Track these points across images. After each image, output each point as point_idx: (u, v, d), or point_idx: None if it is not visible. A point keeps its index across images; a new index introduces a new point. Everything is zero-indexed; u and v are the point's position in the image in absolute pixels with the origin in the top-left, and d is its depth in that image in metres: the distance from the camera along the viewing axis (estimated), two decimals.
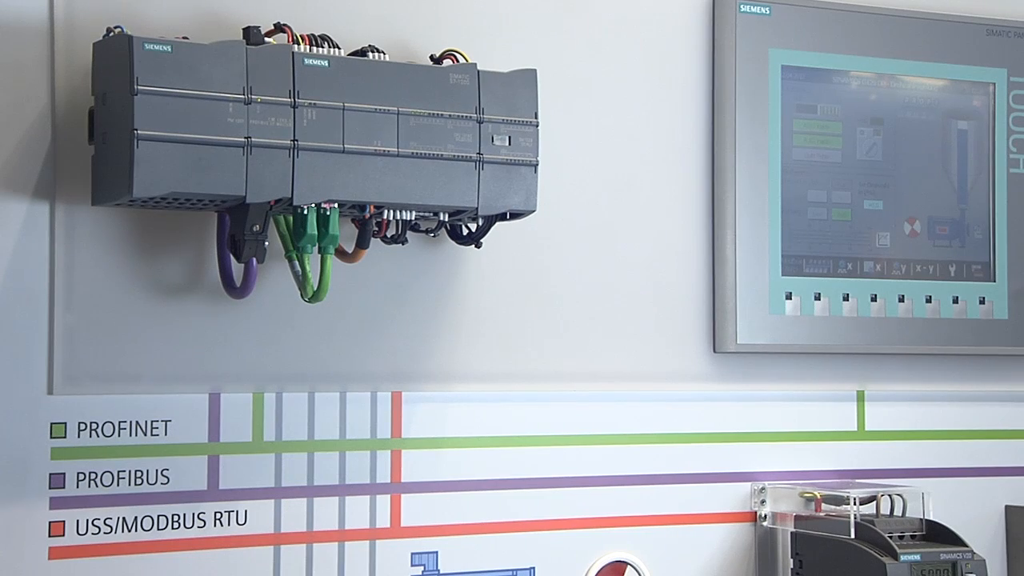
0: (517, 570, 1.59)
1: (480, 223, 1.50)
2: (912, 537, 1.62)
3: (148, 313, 1.43)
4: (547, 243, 1.62)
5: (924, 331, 1.77)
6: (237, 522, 1.46)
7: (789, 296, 1.72)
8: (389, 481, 1.54)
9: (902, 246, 1.77)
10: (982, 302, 1.80)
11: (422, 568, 1.55)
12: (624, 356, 1.66)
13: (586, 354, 1.64)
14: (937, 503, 1.66)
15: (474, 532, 1.57)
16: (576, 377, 1.63)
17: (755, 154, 1.70)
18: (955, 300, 1.79)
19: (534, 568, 1.59)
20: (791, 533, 1.66)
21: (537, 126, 1.47)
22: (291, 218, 1.41)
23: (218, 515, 1.46)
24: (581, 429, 1.63)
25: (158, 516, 1.44)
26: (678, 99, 1.69)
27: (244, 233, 1.36)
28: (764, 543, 1.69)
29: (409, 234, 1.50)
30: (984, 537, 1.76)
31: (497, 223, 1.50)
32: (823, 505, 1.66)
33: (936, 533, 1.62)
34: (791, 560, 1.65)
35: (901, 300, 1.76)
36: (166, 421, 1.44)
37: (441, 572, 1.55)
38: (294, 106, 1.35)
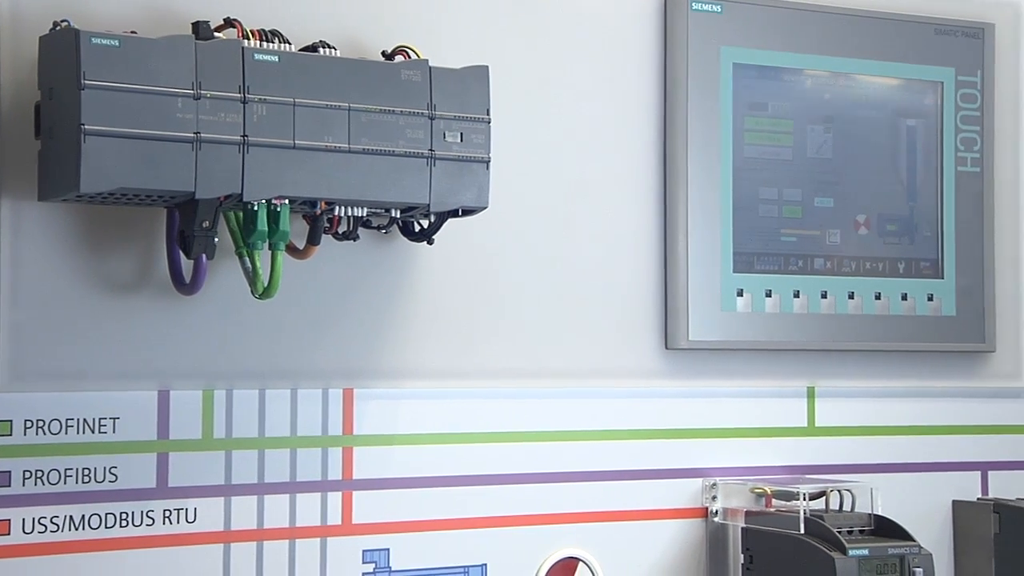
0: (469, 567, 1.59)
1: (432, 219, 1.50)
2: (861, 532, 1.64)
3: (96, 310, 1.42)
4: (499, 240, 1.62)
5: (873, 328, 1.78)
6: (186, 520, 1.46)
7: (740, 293, 1.73)
8: (341, 478, 1.53)
9: (852, 243, 1.78)
10: (930, 299, 1.82)
11: (374, 565, 1.54)
12: (576, 353, 1.66)
13: (538, 351, 1.64)
14: (886, 498, 1.68)
15: (426, 529, 1.57)
16: (528, 374, 1.63)
17: (707, 152, 1.71)
18: (904, 297, 1.80)
19: (486, 565, 1.59)
20: (742, 528, 1.67)
21: (489, 123, 1.47)
22: (241, 214, 1.40)
23: (167, 513, 1.45)
24: (533, 426, 1.63)
25: (106, 514, 1.42)
26: (630, 96, 1.69)
27: (194, 229, 1.35)
28: (715, 538, 1.70)
29: (361, 230, 1.49)
30: (932, 531, 1.78)
31: (449, 219, 1.50)
32: (773, 501, 1.67)
33: (884, 528, 1.64)
34: (742, 555, 1.66)
35: (851, 297, 1.78)
36: (114, 419, 1.43)
37: (393, 569, 1.55)
38: (244, 101, 1.34)
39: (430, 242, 1.52)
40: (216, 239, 1.37)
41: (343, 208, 1.43)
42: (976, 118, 1.85)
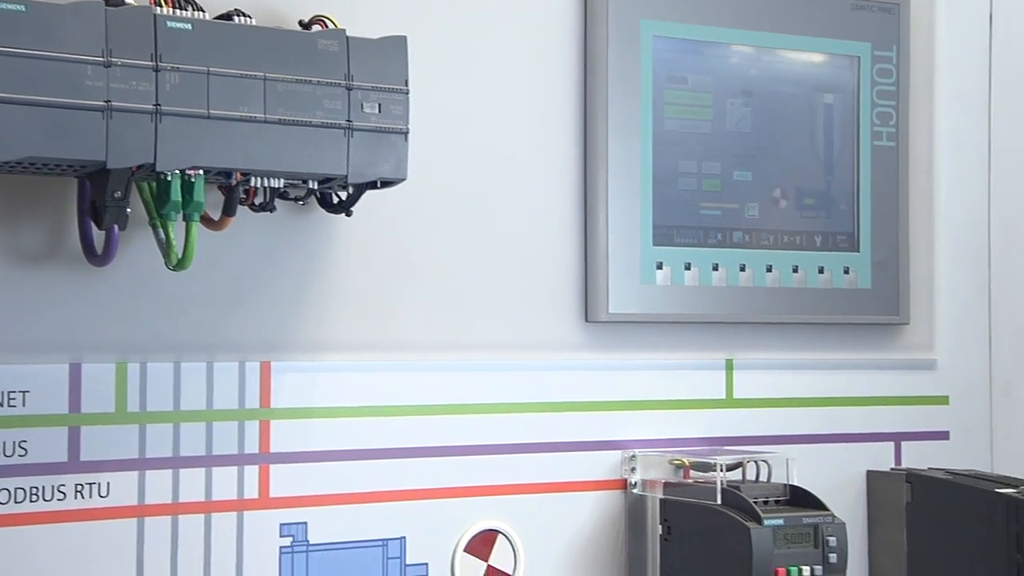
0: (388, 539, 1.58)
1: (350, 191, 1.49)
2: (776, 502, 1.66)
3: (5, 281, 1.39)
4: (418, 212, 1.61)
5: (791, 300, 1.80)
6: (99, 494, 1.44)
7: (660, 266, 1.73)
8: (258, 451, 1.52)
9: (770, 217, 1.80)
10: (847, 272, 1.84)
11: (291, 539, 1.53)
12: (496, 325, 1.66)
13: (457, 323, 1.63)
14: (802, 469, 1.70)
15: (344, 502, 1.56)
16: (447, 346, 1.63)
17: (627, 125, 1.71)
18: (821, 270, 1.82)
19: (405, 537, 1.59)
20: (660, 500, 1.68)
21: (407, 94, 1.45)
22: (154, 184, 1.38)
23: (79, 487, 1.43)
24: (452, 398, 1.63)
25: (15, 489, 1.40)
26: (550, 68, 1.69)
27: (105, 199, 1.33)
28: (634, 510, 1.71)
29: (278, 202, 1.48)
30: (846, 501, 1.81)
31: (368, 191, 1.48)
32: (691, 472, 1.69)
33: (800, 498, 1.66)
34: (660, 526, 1.68)
35: (769, 270, 1.79)
36: (24, 392, 1.41)
37: (311, 543, 1.54)
38: (156, 70, 1.32)
39: (348, 214, 1.51)
40: (128, 210, 1.34)
41: (259, 179, 1.41)
42: (892, 92, 1.87)
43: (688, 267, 1.75)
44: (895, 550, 1.79)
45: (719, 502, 1.62)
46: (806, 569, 1.59)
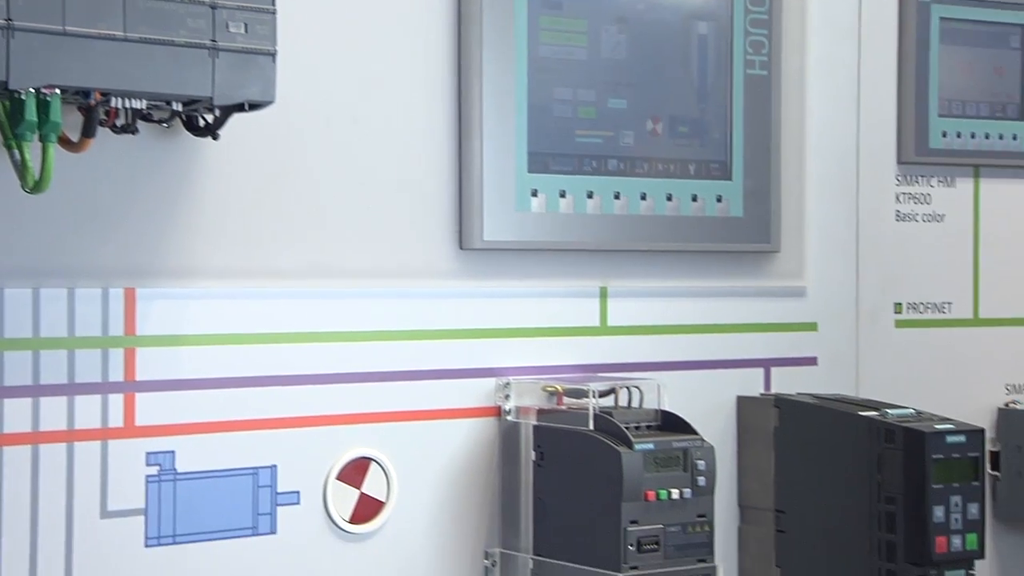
0: (258, 468, 1.57)
1: (217, 114, 1.45)
2: (648, 428, 1.67)
3: None
4: (288, 136, 1.58)
5: (665, 228, 1.81)
6: None
7: (535, 193, 1.73)
8: (123, 380, 1.49)
9: (645, 145, 1.80)
10: (719, 200, 1.85)
11: (158, 468, 1.51)
12: (369, 252, 1.64)
13: (330, 249, 1.61)
14: (674, 395, 1.72)
15: (213, 431, 1.54)
16: (319, 273, 1.61)
17: (502, 50, 1.69)
18: (694, 198, 1.83)
19: (276, 466, 1.58)
20: (533, 426, 1.69)
21: (275, 13, 1.42)
22: (8, 103, 1.33)
23: None
24: (324, 326, 1.61)
25: None
26: None
27: None
28: (508, 437, 1.72)
29: (143, 125, 1.44)
30: (717, 426, 1.83)
31: (235, 114, 1.45)
32: (564, 399, 1.70)
33: (671, 423, 1.68)
34: (533, 452, 1.69)
35: (643, 198, 1.80)
36: None
37: (179, 471, 1.52)
38: None
39: (215, 137, 1.47)
40: None
41: (120, 99, 1.37)
42: (764, 21, 1.88)
43: (563, 195, 1.75)
44: (763, 473, 1.83)
45: (591, 428, 1.63)
46: (675, 492, 1.61)
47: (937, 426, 1.69)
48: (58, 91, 1.32)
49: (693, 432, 1.66)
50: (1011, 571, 2.11)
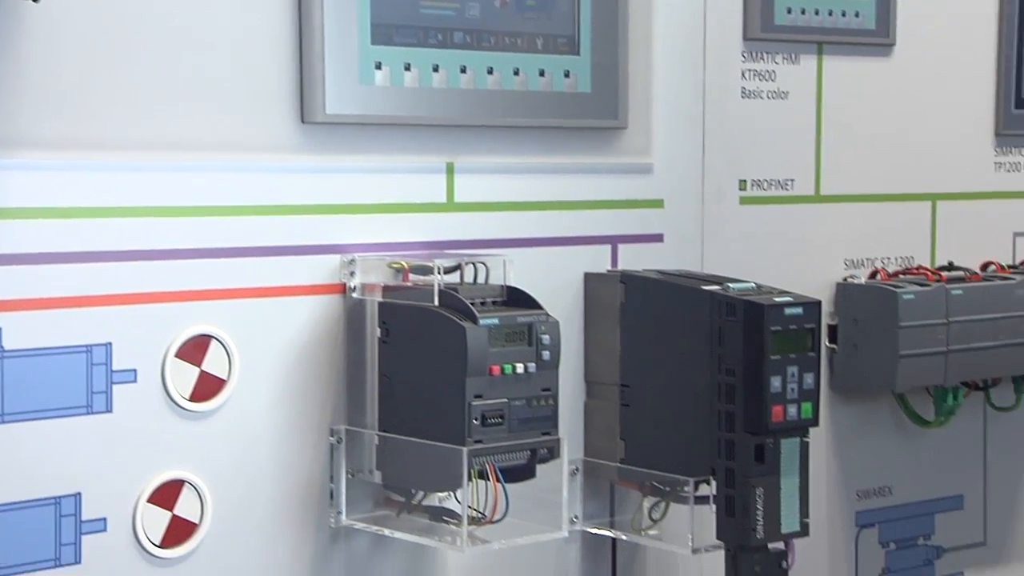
0: (92, 345, 1.52)
1: None
2: (494, 303, 1.67)
3: None
4: (118, 1, 1.51)
5: (512, 104, 1.79)
6: None
7: (379, 66, 1.69)
8: None
9: (492, 18, 1.77)
10: (567, 75, 1.83)
11: None
12: (206, 124, 1.59)
13: (164, 121, 1.56)
14: (521, 272, 1.71)
15: (43, 307, 1.49)
16: (153, 145, 1.55)
17: None
18: (541, 73, 1.81)
19: (111, 343, 1.54)
20: (378, 303, 1.67)
21: None
22: None
23: None
24: (161, 200, 1.56)
25: None
26: None
27: None
28: (353, 314, 1.70)
29: None
30: (565, 302, 1.84)
31: None
32: (410, 275, 1.68)
33: (517, 299, 1.68)
34: (378, 329, 1.67)
35: (490, 72, 1.77)
36: None
37: (6, 349, 1.47)
38: None
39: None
40: None
41: None
42: None
43: (408, 68, 1.71)
44: (610, 348, 1.85)
45: (436, 303, 1.62)
46: (520, 366, 1.61)
47: (776, 299, 1.71)
48: None
49: (538, 307, 1.66)
50: (846, 438, 2.18)
